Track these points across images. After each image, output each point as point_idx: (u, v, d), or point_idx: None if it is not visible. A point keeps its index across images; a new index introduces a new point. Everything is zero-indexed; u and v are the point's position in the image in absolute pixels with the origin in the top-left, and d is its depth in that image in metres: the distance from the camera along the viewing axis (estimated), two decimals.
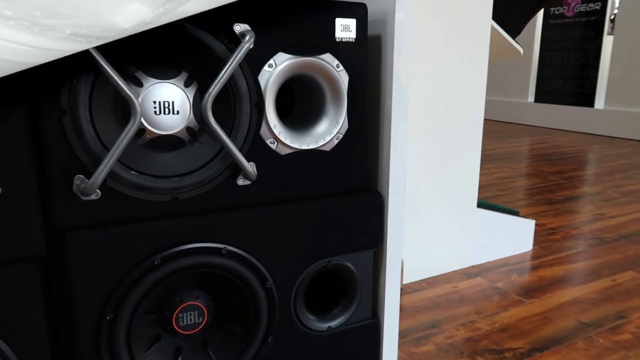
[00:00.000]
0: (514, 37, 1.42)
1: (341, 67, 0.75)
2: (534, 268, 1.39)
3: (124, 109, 0.64)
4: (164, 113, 0.65)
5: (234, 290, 0.75)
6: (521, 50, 1.46)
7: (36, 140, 0.59)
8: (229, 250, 0.72)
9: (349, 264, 0.83)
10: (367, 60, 0.78)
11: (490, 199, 2.07)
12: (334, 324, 0.84)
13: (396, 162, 0.82)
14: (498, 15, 1.39)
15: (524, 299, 1.21)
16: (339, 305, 0.86)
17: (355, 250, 0.83)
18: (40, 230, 0.60)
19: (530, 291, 1.25)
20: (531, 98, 4.85)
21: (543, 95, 4.72)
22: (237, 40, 0.67)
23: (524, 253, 1.50)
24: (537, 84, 4.78)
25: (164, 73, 0.65)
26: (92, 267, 0.64)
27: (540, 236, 1.64)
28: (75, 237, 0.62)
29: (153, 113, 0.64)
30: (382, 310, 0.88)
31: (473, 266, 1.40)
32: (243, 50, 0.64)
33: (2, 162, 0.56)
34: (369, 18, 0.82)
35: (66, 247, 0.62)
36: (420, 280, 1.30)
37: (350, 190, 0.81)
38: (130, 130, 0.59)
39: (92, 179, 0.59)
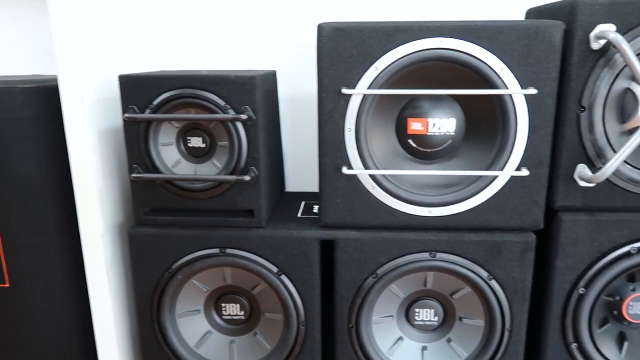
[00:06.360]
0: None
1: None
2: None
3: (624, 108, 0.70)
4: None
5: None
6: None
7: (555, 130, 0.70)
8: None
9: None
10: None
11: None
12: None
13: None
14: None
15: None
16: None
17: None
18: (543, 206, 0.72)
19: None
20: None
21: None
22: None
23: None
24: None
25: None
26: (576, 244, 0.73)
27: None
28: (568, 217, 0.73)
29: None
30: None
31: None
32: None
33: (533, 149, 0.69)
34: None
35: (559, 224, 0.73)
36: None
37: None
38: None
39: (602, 170, 0.67)
